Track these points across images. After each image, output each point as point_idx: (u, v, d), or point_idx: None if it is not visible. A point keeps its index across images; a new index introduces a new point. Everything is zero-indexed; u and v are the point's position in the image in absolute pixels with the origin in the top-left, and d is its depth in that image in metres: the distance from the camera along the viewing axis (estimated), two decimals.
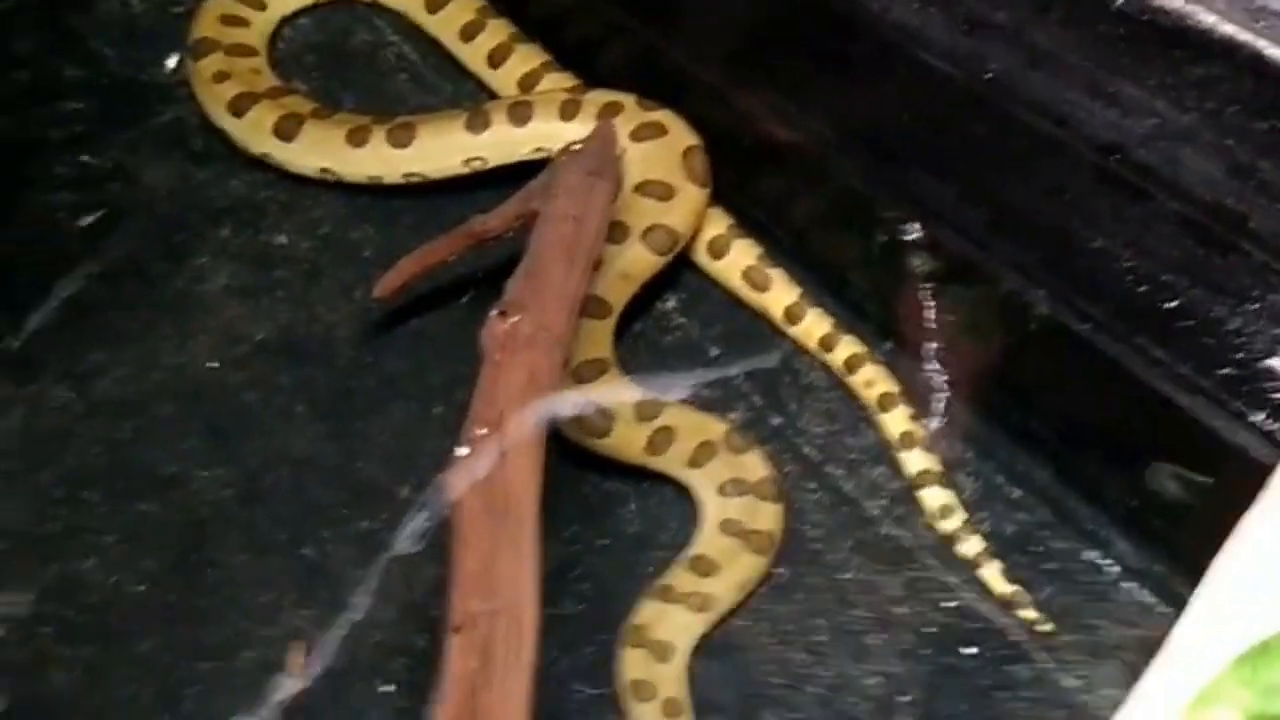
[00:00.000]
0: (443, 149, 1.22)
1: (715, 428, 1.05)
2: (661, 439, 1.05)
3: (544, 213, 1.02)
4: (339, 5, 1.41)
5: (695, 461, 1.04)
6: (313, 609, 1.02)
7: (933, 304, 1.06)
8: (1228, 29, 0.79)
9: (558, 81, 1.27)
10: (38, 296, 1.19)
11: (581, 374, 1.06)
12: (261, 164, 1.27)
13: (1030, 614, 0.97)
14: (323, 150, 1.23)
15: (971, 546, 1.00)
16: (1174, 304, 0.91)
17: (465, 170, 1.22)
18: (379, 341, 1.18)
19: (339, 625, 1.01)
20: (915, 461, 1.04)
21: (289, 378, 1.16)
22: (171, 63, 1.36)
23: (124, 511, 1.08)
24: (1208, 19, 0.79)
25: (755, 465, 1.04)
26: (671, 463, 1.05)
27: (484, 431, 0.84)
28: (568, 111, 1.18)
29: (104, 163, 1.29)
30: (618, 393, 1.07)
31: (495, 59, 1.31)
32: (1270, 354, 0.89)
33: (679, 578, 0.99)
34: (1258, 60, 0.78)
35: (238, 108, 1.25)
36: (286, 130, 1.23)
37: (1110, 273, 0.92)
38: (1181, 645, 0.65)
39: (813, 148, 1.09)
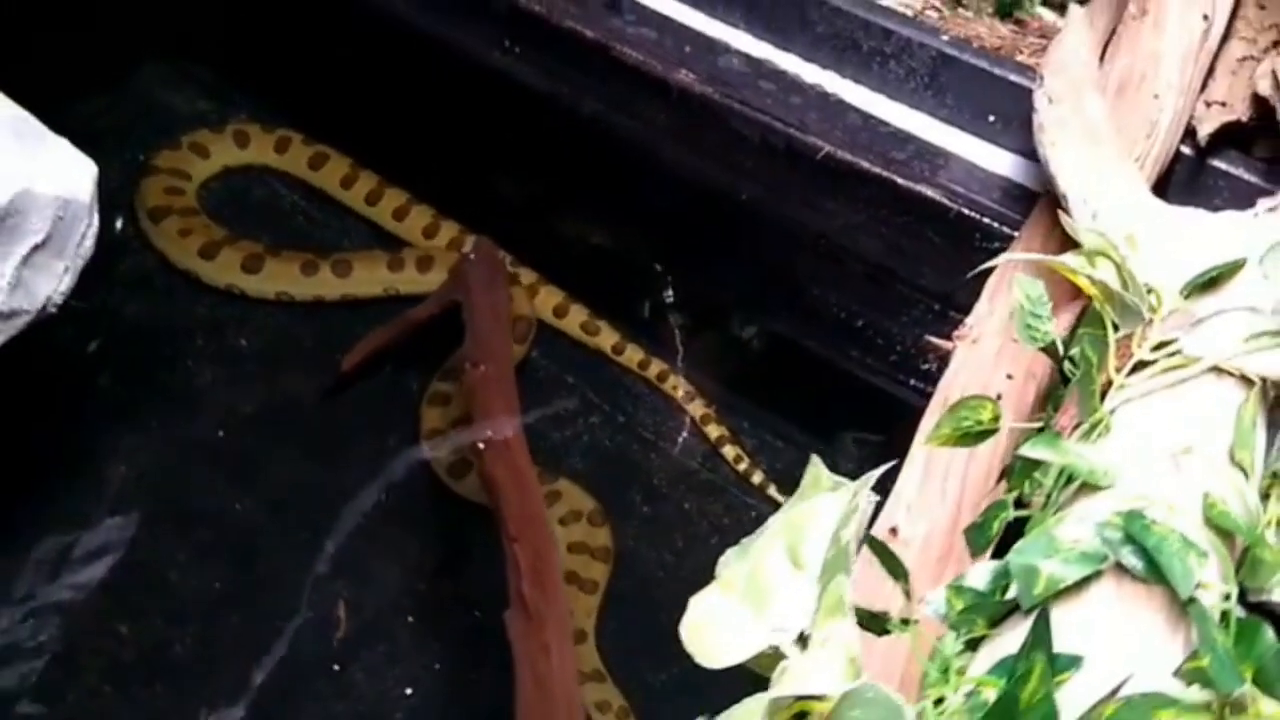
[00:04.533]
0: (371, 280, 1.74)
1: (586, 503, 1.58)
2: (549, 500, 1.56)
3: (470, 301, 1.57)
4: (238, 172, 1.88)
5: (563, 521, 1.56)
6: (341, 579, 1.52)
7: (706, 337, 1.70)
8: (875, 169, 1.46)
9: (422, 213, 1.82)
10: (75, 407, 1.62)
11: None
12: (213, 290, 1.74)
13: None
14: (281, 279, 1.72)
15: (758, 478, 1.61)
16: (860, 322, 1.58)
17: (383, 295, 1.74)
18: (334, 402, 1.68)
19: (363, 587, 1.52)
20: (713, 431, 1.65)
21: (275, 434, 1.64)
22: (119, 224, 1.80)
23: (187, 538, 1.53)
24: (864, 163, 1.46)
25: (603, 536, 1.56)
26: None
27: (490, 434, 1.38)
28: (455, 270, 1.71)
29: (89, 304, 1.71)
30: None
31: (371, 199, 1.84)
32: (914, 345, 1.56)
33: None
34: (894, 186, 1.46)
35: (207, 253, 1.72)
36: (251, 266, 1.72)
37: (823, 306, 1.58)
38: None
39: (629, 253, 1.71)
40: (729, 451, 1.63)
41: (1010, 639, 0.69)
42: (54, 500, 1.53)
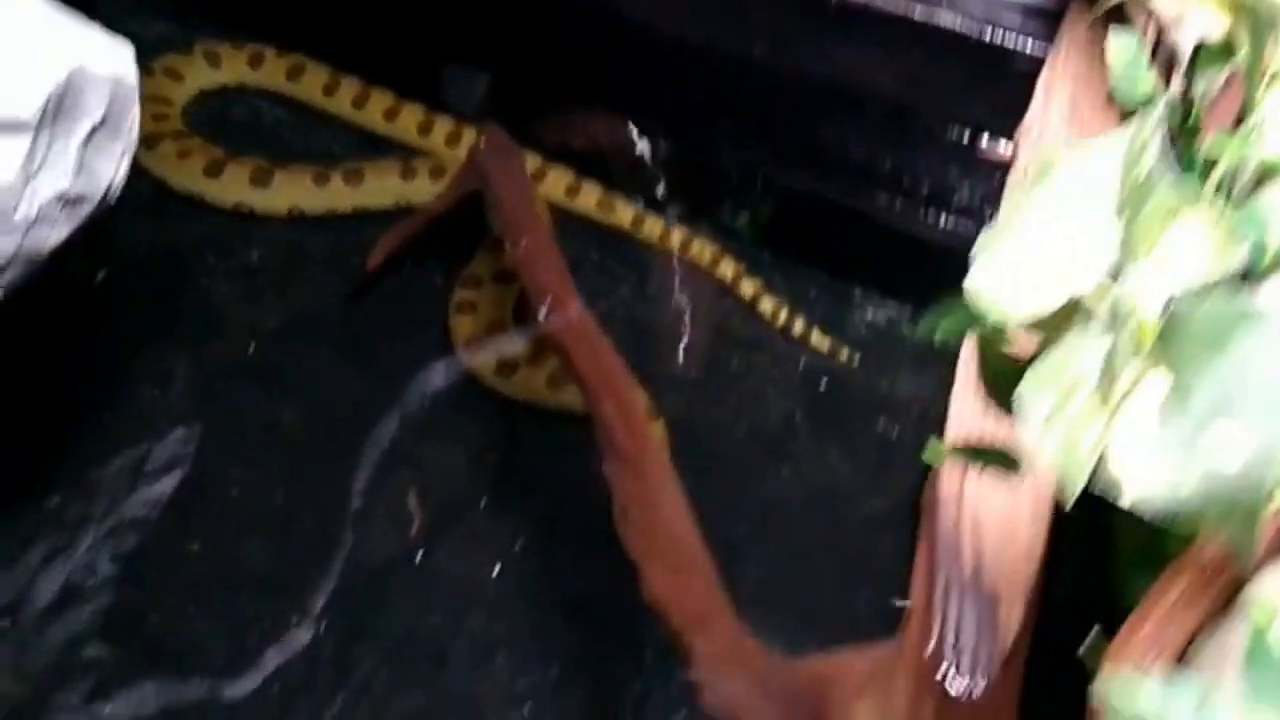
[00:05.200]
0: (383, 190, 1.70)
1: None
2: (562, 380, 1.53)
3: (491, 184, 1.54)
4: (214, 93, 1.82)
5: None
6: (405, 475, 1.49)
7: (727, 201, 1.70)
8: (888, 7, 1.47)
9: (413, 111, 1.78)
10: (97, 338, 1.56)
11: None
12: (217, 210, 1.68)
13: (843, 355, 1.61)
14: (293, 192, 1.68)
15: (799, 327, 1.63)
16: (886, 165, 1.61)
17: (393, 206, 1.70)
18: (359, 307, 1.64)
19: (428, 480, 1.50)
20: (747, 289, 1.65)
21: (306, 344, 1.60)
22: None
23: (240, 453, 1.49)
24: (877, 2, 1.47)
25: (658, 430, 1.50)
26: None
27: (547, 305, 1.37)
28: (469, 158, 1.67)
29: (89, 234, 1.64)
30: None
31: (358, 103, 1.79)
32: (942, 181, 1.59)
33: None
34: (909, 22, 1.48)
35: (212, 171, 1.67)
36: (260, 180, 1.67)
37: (846, 155, 1.59)
38: None
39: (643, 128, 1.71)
40: (766, 306, 1.64)
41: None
42: (97, 431, 1.47)
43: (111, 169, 1.15)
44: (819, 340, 1.61)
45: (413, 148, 1.77)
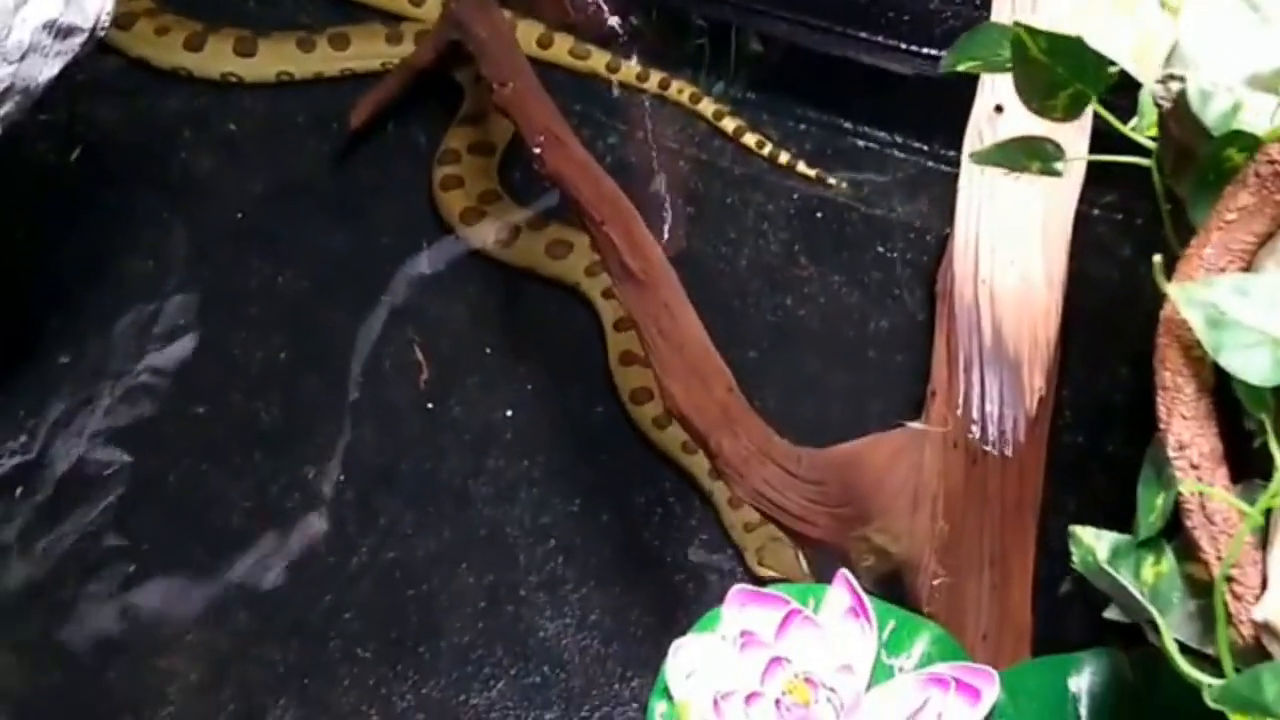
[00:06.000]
0: (370, 53, 1.68)
1: None
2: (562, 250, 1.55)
3: (471, 33, 1.51)
4: None
5: (590, 272, 1.53)
6: (408, 328, 1.49)
7: (703, 49, 1.69)
8: None
9: None
10: (77, 214, 1.54)
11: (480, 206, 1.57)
12: (192, 82, 1.65)
13: (832, 183, 1.61)
14: (279, 58, 1.65)
15: (785, 158, 1.62)
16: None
17: (379, 69, 1.68)
18: (343, 169, 1.61)
19: (433, 332, 1.50)
20: (730, 125, 1.65)
21: (295, 208, 1.58)
22: None
23: (239, 316, 1.49)
24: None
25: None
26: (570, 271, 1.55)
27: (541, 138, 1.35)
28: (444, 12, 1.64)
29: (59, 116, 1.61)
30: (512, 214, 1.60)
31: None
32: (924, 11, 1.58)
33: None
34: None
35: (194, 44, 1.64)
36: (245, 50, 1.65)
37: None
38: None
39: None
40: (750, 140, 1.63)
41: None
42: (89, 303, 1.46)
43: (99, 2, 1.13)
44: (806, 171, 1.61)
45: (378, 11, 1.75)
